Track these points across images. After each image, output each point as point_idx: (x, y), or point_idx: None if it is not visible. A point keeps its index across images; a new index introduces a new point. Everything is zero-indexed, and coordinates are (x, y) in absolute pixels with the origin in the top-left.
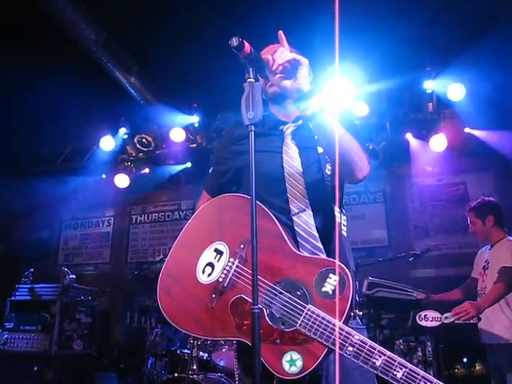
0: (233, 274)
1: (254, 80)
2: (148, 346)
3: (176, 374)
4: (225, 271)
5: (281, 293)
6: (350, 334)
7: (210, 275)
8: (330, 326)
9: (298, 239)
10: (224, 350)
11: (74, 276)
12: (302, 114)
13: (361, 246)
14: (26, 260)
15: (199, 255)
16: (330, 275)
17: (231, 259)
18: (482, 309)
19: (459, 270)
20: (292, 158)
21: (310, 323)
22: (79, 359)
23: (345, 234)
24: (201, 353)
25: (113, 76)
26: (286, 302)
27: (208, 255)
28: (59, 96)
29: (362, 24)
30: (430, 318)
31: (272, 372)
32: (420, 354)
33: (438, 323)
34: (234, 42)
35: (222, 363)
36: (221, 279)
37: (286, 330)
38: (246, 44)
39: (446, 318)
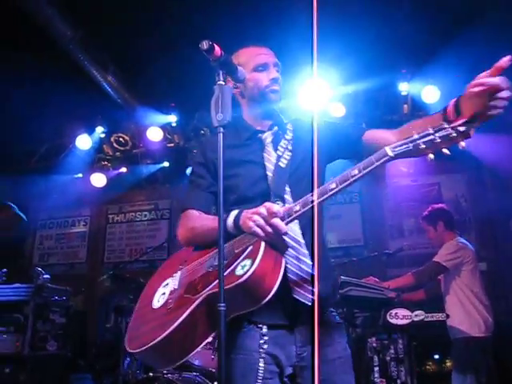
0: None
1: (223, 83)
2: (123, 346)
3: (151, 374)
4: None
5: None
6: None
7: (159, 301)
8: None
9: None
10: (199, 349)
11: (48, 276)
12: None
13: (337, 246)
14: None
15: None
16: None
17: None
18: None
19: None
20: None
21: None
22: (53, 360)
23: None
24: None
25: (89, 74)
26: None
27: (161, 290)
28: (34, 93)
29: (338, 25)
30: (400, 316)
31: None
32: (392, 351)
33: (408, 321)
34: (205, 45)
35: (197, 362)
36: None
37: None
38: (217, 47)
39: (416, 315)
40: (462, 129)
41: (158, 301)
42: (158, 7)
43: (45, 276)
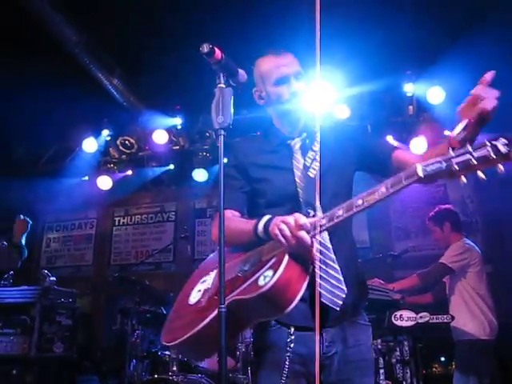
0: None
1: (224, 86)
2: (129, 348)
3: (156, 376)
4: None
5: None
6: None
7: (194, 298)
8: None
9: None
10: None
11: (55, 278)
12: None
13: None
14: None
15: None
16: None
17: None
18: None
19: None
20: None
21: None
22: (60, 362)
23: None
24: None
25: (95, 78)
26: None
27: (198, 286)
28: (41, 97)
29: (343, 27)
30: (405, 318)
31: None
32: (398, 353)
33: (413, 323)
34: (205, 48)
35: (202, 364)
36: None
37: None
38: (217, 50)
39: (421, 317)
40: (503, 150)
41: (194, 297)
42: (163, 10)
43: (51, 278)
